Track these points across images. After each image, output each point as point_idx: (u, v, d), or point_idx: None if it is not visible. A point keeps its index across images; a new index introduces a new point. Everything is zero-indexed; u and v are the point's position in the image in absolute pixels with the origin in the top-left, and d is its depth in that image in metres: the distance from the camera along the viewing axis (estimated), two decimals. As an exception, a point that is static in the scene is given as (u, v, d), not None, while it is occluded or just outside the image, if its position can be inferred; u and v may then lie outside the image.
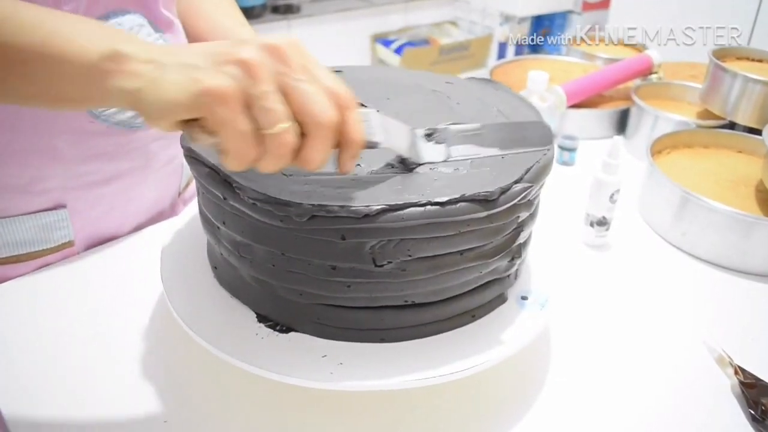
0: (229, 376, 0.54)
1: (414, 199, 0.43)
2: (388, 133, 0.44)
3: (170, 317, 0.58)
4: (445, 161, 0.48)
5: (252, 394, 0.53)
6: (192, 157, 0.48)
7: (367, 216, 0.42)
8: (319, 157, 0.40)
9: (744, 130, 0.95)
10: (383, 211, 0.42)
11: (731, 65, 0.97)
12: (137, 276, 0.65)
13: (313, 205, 0.42)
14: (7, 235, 0.64)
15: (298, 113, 0.38)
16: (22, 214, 0.64)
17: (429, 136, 0.48)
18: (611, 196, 0.73)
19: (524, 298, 0.54)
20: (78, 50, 0.39)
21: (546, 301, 0.53)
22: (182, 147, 0.50)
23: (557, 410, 0.53)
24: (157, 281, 0.54)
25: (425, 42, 2.51)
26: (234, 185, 0.44)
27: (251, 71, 0.37)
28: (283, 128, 0.38)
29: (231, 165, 0.39)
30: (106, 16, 0.61)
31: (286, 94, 0.38)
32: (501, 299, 0.53)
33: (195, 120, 0.38)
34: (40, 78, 0.41)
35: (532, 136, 0.51)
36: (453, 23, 2.69)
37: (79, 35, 0.40)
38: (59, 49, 0.40)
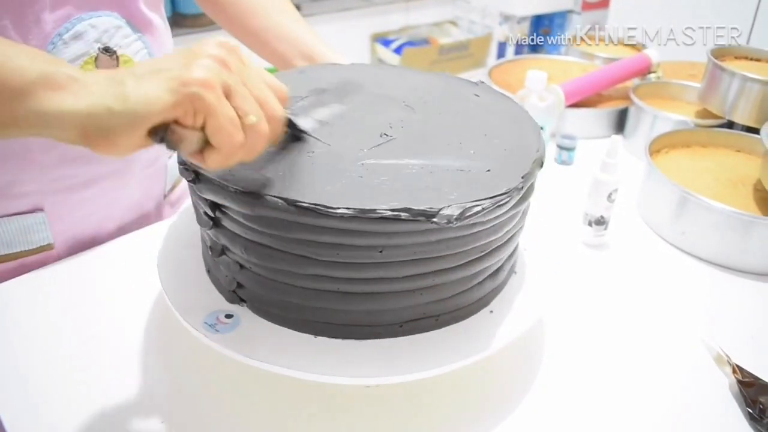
0: (223, 374, 0.54)
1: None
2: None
3: (162, 319, 0.58)
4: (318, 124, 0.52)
5: (248, 391, 0.53)
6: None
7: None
8: (265, 146, 0.42)
9: (742, 129, 0.95)
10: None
11: (729, 64, 0.97)
12: (123, 280, 0.65)
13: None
14: None
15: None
16: None
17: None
18: (609, 196, 0.73)
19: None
20: (14, 69, 0.36)
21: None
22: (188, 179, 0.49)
23: (555, 409, 0.53)
24: (142, 284, 0.54)
25: (425, 41, 2.51)
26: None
27: (224, 63, 0.39)
28: (259, 119, 0.39)
29: (216, 159, 0.39)
30: (78, 18, 0.59)
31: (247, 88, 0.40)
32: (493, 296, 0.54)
33: (163, 128, 0.38)
34: None
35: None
36: (453, 23, 2.69)
37: (15, 56, 0.37)
38: None
